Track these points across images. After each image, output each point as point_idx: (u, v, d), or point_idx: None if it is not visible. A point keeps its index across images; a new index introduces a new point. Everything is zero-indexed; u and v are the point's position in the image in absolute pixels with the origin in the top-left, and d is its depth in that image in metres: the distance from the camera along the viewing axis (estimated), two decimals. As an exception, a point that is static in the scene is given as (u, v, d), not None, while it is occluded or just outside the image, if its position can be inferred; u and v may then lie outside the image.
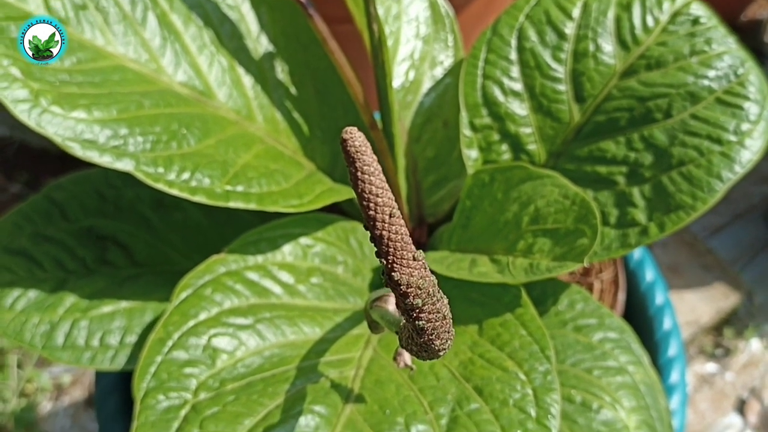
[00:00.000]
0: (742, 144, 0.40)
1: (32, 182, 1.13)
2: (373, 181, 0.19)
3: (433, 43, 0.50)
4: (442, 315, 0.22)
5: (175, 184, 0.35)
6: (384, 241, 0.20)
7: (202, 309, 0.37)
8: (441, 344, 0.22)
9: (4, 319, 0.40)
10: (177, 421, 0.33)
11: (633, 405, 0.41)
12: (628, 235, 0.41)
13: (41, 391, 0.93)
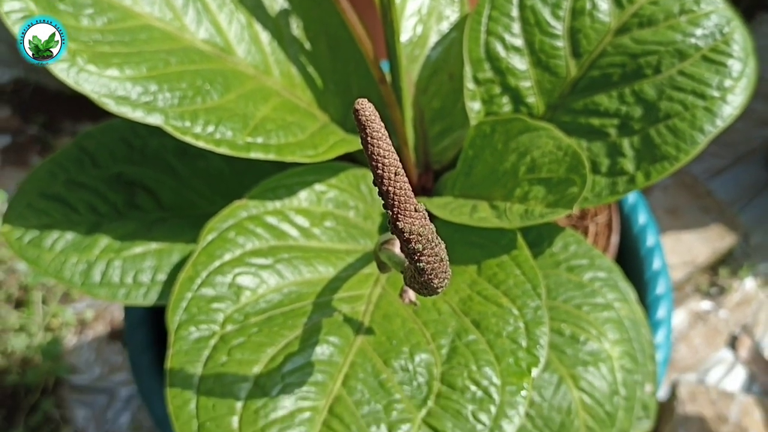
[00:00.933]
0: (724, 99, 0.43)
1: (49, 124, 1.17)
2: (381, 145, 0.23)
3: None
4: (439, 258, 0.25)
5: (201, 136, 0.39)
6: (390, 196, 0.24)
7: (227, 250, 0.41)
8: (439, 282, 0.26)
9: (45, 259, 0.44)
10: (207, 350, 0.37)
11: (617, 338, 0.46)
12: (617, 183, 0.45)
13: (65, 325, 0.98)
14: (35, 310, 0.98)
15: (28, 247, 0.44)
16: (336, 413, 0.35)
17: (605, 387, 0.43)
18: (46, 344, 0.97)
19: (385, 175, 0.23)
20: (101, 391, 0.95)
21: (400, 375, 0.37)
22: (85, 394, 0.95)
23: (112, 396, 0.95)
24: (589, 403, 0.43)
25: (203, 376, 0.36)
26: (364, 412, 0.35)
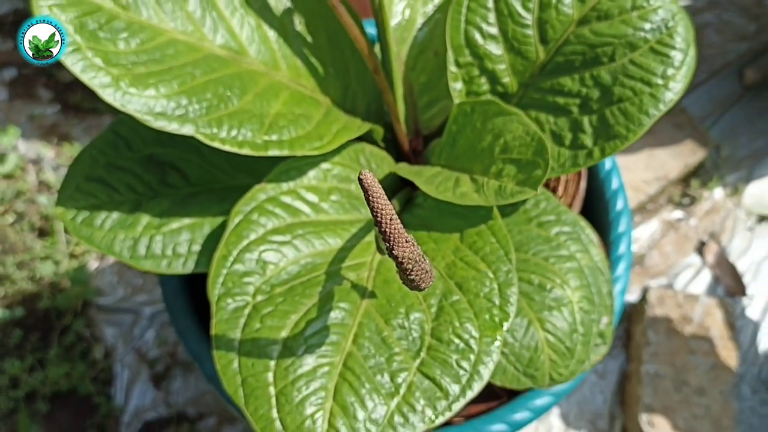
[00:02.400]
0: (667, 87, 0.52)
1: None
2: (380, 201, 0.32)
3: (423, -16, 0.60)
4: (425, 270, 0.35)
5: (226, 140, 0.48)
6: (387, 234, 0.33)
7: (252, 231, 0.50)
8: (425, 286, 0.35)
9: (97, 237, 0.53)
10: (243, 318, 0.47)
11: (577, 284, 0.56)
12: (578, 156, 0.54)
13: (88, 252, 1.09)
14: (59, 239, 1.08)
15: (81, 226, 0.54)
16: (349, 366, 0.45)
17: (566, 327, 0.54)
18: (73, 270, 1.07)
19: (383, 221, 0.32)
20: (126, 311, 1.07)
21: (398, 332, 0.47)
22: (112, 314, 1.06)
23: (137, 315, 1.06)
24: (552, 341, 0.54)
25: (242, 341, 0.46)
26: (371, 365, 0.46)
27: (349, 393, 0.44)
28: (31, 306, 1.05)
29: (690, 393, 0.97)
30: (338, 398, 0.44)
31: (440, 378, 0.46)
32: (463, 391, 0.45)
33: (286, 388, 0.44)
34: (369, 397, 0.44)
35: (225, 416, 1.00)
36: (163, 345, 1.04)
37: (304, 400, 0.44)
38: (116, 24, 0.47)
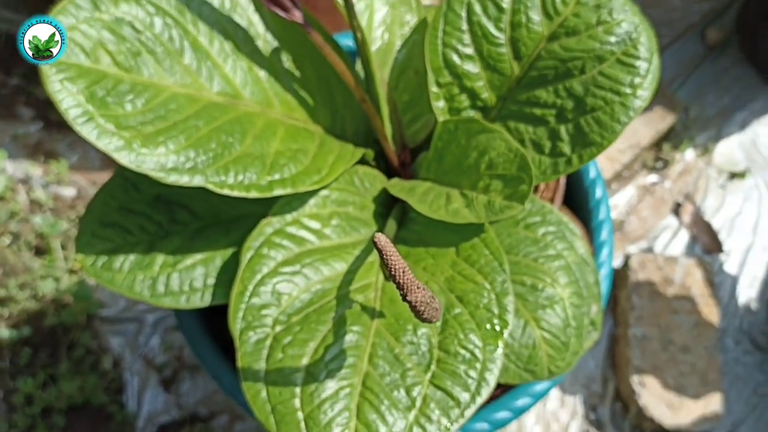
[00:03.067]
0: (635, 95, 0.56)
1: (29, 74, 1.25)
2: (394, 259, 0.36)
3: (399, 7, 0.64)
4: (434, 308, 0.39)
5: (234, 186, 0.52)
6: (402, 284, 0.37)
7: (263, 264, 0.54)
8: (435, 320, 0.40)
9: (118, 280, 0.57)
10: (265, 350, 0.51)
11: (567, 281, 0.61)
12: (558, 164, 0.59)
13: (85, 265, 1.12)
14: (56, 256, 1.12)
15: (101, 271, 0.58)
16: (367, 386, 0.50)
17: (560, 323, 0.59)
18: (74, 285, 1.11)
19: (397, 275, 0.37)
20: (130, 320, 1.11)
21: (408, 348, 0.52)
22: (116, 325, 1.11)
23: (140, 323, 1.11)
24: (548, 337, 0.59)
25: (267, 371, 0.51)
26: (387, 382, 0.50)
27: (370, 411, 0.49)
28: (37, 324, 1.09)
29: (676, 351, 1.03)
30: (361, 417, 0.49)
31: (451, 388, 0.51)
32: (473, 398, 0.50)
33: (312, 412, 0.49)
34: (389, 413, 0.49)
35: (236, 414, 1.05)
36: (169, 350, 1.09)
37: (331, 422, 0.49)
38: (121, 87, 0.50)
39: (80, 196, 1.18)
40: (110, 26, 0.51)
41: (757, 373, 1.08)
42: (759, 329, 1.11)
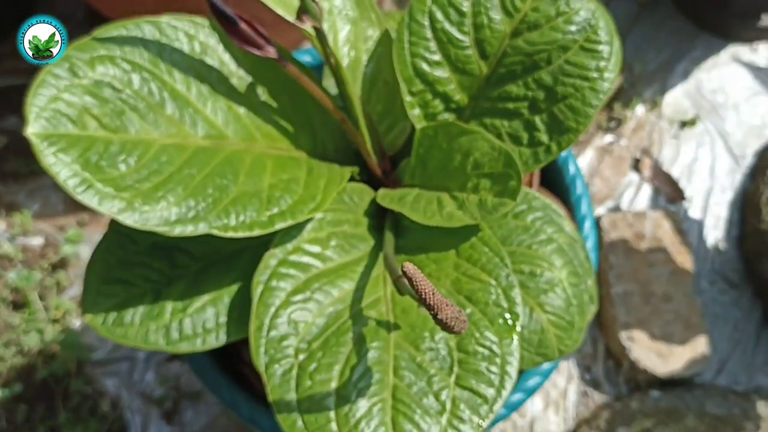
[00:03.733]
0: (602, 78, 0.59)
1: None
2: (423, 284, 0.39)
3: (361, 23, 0.65)
4: (462, 321, 0.42)
5: (237, 228, 0.53)
6: (432, 305, 0.40)
7: (275, 297, 0.56)
8: (463, 331, 0.42)
9: (131, 333, 0.58)
10: (293, 380, 0.53)
11: (562, 263, 0.64)
12: (538, 153, 0.61)
13: (67, 313, 1.12)
14: (36, 308, 1.11)
15: (113, 327, 0.59)
16: (398, 398, 0.52)
17: (562, 304, 0.62)
18: (59, 334, 1.11)
19: (428, 297, 0.39)
20: (121, 359, 1.11)
21: (429, 354, 0.54)
22: (109, 366, 1.11)
23: (132, 360, 1.11)
24: (554, 319, 0.62)
25: (299, 400, 0.52)
26: (415, 391, 0.53)
27: (404, 421, 0.52)
28: (28, 379, 1.09)
29: (658, 302, 1.07)
30: (398, 428, 0.51)
31: (476, 386, 0.53)
32: (499, 393, 0.53)
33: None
34: (423, 421, 0.52)
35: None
36: (166, 382, 1.10)
37: (370, 438, 0.51)
38: (112, 149, 0.51)
39: (48, 243, 1.18)
40: (91, 90, 0.52)
41: (735, 310, 1.14)
42: (730, 267, 1.16)
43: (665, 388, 1.07)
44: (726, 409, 1.05)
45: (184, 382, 1.11)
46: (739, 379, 1.11)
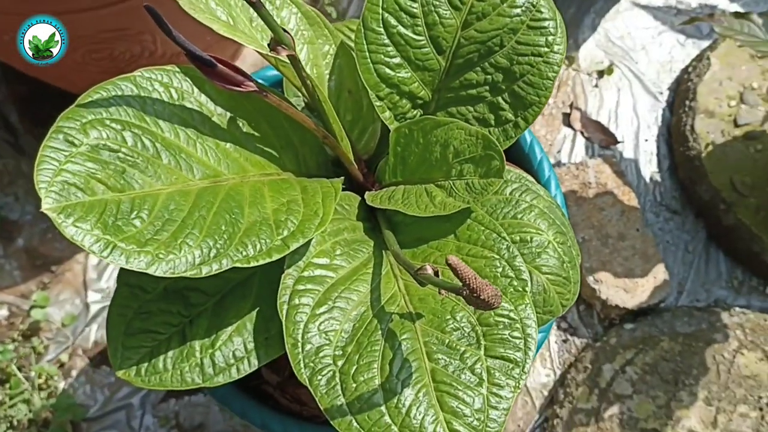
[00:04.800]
0: (553, 51, 0.64)
1: None
2: (465, 271, 0.43)
3: (316, 41, 0.69)
4: (498, 296, 0.46)
5: (258, 256, 0.56)
6: (475, 288, 0.44)
7: (301, 313, 0.59)
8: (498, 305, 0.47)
9: (167, 379, 0.61)
10: (338, 385, 0.56)
11: (547, 225, 0.69)
12: (507, 130, 0.66)
13: (50, 378, 1.12)
14: (18, 379, 1.10)
15: (147, 377, 0.61)
16: (438, 380, 0.56)
17: (557, 262, 0.67)
18: (48, 400, 1.10)
19: (471, 282, 0.43)
20: (117, 410, 1.12)
21: (455, 334, 0.58)
22: (105, 419, 1.12)
23: (127, 408, 1.12)
24: (552, 278, 0.67)
25: (348, 403, 0.56)
26: (452, 370, 0.57)
27: (450, 399, 0.56)
28: (28, 451, 1.09)
29: (615, 243, 1.15)
30: (445, 408, 0.56)
31: (505, 353, 0.58)
32: (526, 354, 0.58)
33: (404, 421, 0.55)
34: (466, 395, 0.56)
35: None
36: (166, 422, 1.11)
37: (423, 422, 0.55)
38: (123, 207, 0.53)
39: (13, 313, 1.17)
40: (90, 156, 0.54)
41: (682, 234, 1.22)
42: (670, 196, 1.24)
43: (637, 319, 1.15)
44: (694, 326, 1.13)
45: (183, 417, 1.12)
46: (699, 297, 1.19)
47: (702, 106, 1.22)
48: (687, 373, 1.10)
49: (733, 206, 1.16)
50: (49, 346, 1.15)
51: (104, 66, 0.99)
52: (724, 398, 1.08)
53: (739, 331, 1.12)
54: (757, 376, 1.09)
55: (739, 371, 1.10)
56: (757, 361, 1.10)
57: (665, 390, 1.09)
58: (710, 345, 1.11)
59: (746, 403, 1.08)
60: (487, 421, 0.56)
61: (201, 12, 0.59)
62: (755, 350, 1.11)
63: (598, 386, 1.11)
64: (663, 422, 1.08)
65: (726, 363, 1.10)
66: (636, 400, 1.09)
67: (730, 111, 1.22)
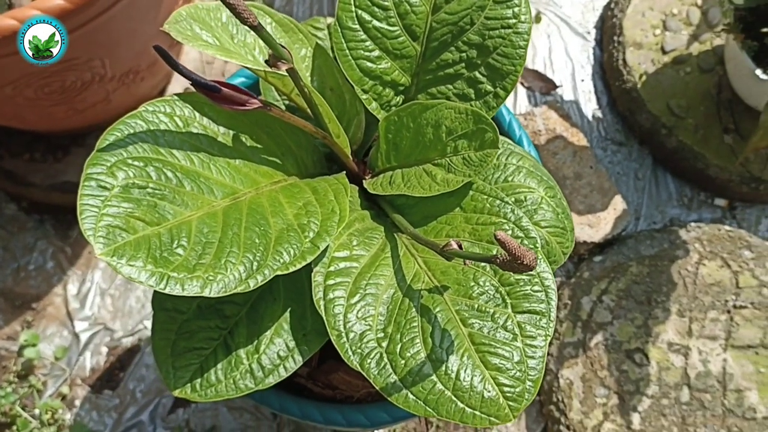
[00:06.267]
0: (520, 20, 0.69)
1: None
2: (513, 243, 0.48)
3: (293, 46, 0.72)
4: (536, 258, 0.52)
5: (294, 262, 0.60)
6: (519, 255, 0.49)
7: (336, 305, 0.63)
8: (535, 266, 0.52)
9: (222, 390, 0.65)
10: (387, 364, 0.61)
11: (536, 182, 0.74)
12: (488, 101, 0.71)
13: (54, 412, 1.14)
14: (24, 419, 1.12)
15: (203, 391, 0.64)
16: (477, 343, 0.62)
17: (552, 215, 0.73)
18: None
19: (516, 251, 0.49)
20: (127, 430, 1.14)
21: (482, 298, 0.64)
22: (118, 441, 1.14)
23: (138, 426, 1.15)
24: (551, 230, 0.73)
25: (401, 379, 0.61)
26: (486, 332, 0.62)
27: (492, 358, 0.61)
28: (49, 487, 1.10)
29: (572, 183, 1.22)
30: (488, 366, 0.61)
31: (531, 306, 0.63)
32: (549, 304, 0.64)
33: (456, 384, 0.60)
34: (504, 351, 0.62)
35: (274, 443, 1.14)
36: (179, 431, 1.14)
37: (472, 382, 0.60)
38: (164, 239, 0.57)
39: (3, 356, 1.18)
40: (124, 196, 0.57)
41: (630, 163, 1.30)
42: (613, 129, 1.32)
43: (604, 251, 1.23)
44: (657, 247, 1.22)
45: (194, 423, 1.16)
46: (655, 219, 1.28)
47: (629, 39, 1.30)
48: (658, 291, 1.19)
49: (674, 129, 1.25)
50: (47, 381, 1.16)
51: (56, 98, 1.00)
52: (695, 308, 1.18)
53: (697, 244, 1.21)
54: (720, 282, 1.19)
55: (704, 281, 1.19)
56: (717, 268, 1.20)
57: (641, 311, 1.18)
58: (674, 262, 1.20)
59: (714, 308, 1.18)
60: (528, 370, 0.62)
61: (192, 39, 0.62)
62: (714, 259, 1.20)
63: (580, 319, 1.18)
64: (644, 340, 1.16)
65: (691, 275, 1.19)
66: (616, 325, 1.17)
67: (656, 40, 1.30)
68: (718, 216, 1.27)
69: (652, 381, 1.13)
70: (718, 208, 1.28)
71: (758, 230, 1.27)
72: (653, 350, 1.15)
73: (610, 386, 1.13)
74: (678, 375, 1.13)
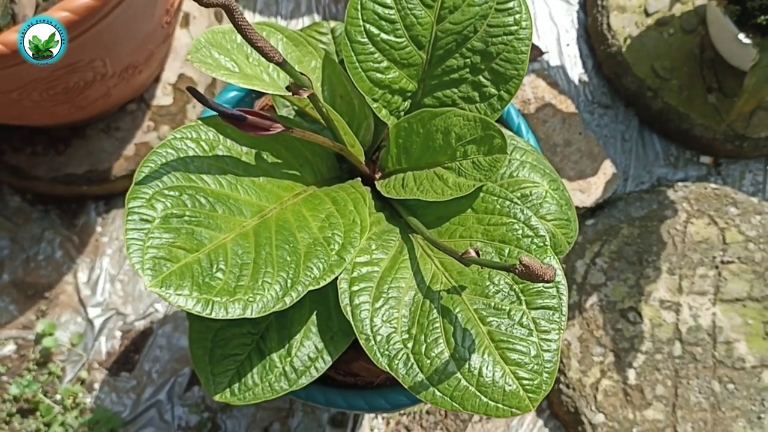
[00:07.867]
0: (521, 27, 0.73)
1: None
2: (537, 265, 0.53)
3: (304, 59, 0.75)
4: (555, 271, 0.57)
5: (324, 276, 0.65)
6: (541, 275, 0.54)
7: (362, 310, 0.68)
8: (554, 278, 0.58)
9: (259, 392, 0.70)
10: (415, 365, 0.67)
11: (540, 177, 0.79)
12: (493, 104, 0.75)
13: (75, 396, 1.19)
14: (47, 405, 1.17)
15: (242, 394, 0.70)
16: (496, 339, 0.67)
17: (557, 208, 0.78)
18: (80, 418, 1.18)
19: (539, 271, 0.54)
20: (147, 409, 1.20)
21: (498, 296, 0.69)
22: (139, 420, 1.20)
23: (157, 406, 1.20)
24: (556, 223, 0.78)
25: (428, 377, 0.66)
26: (504, 328, 0.68)
27: (510, 353, 0.67)
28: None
29: (562, 150, 1.27)
30: (508, 361, 0.67)
31: (544, 302, 0.69)
32: (560, 299, 0.69)
33: (479, 380, 0.66)
34: (522, 347, 0.67)
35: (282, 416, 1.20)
36: (196, 408, 1.20)
37: (494, 377, 0.66)
38: (204, 265, 0.61)
39: (21, 346, 1.22)
40: (164, 227, 0.61)
41: (617, 125, 1.35)
42: (599, 93, 1.36)
43: (596, 215, 1.28)
44: (646, 208, 1.28)
45: (210, 401, 1.21)
46: (643, 179, 1.34)
47: (613, 3, 1.33)
48: (648, 251, 1.25)
49: (659, 91, 1.29)
50: (65, 367, 1.21)
51: (60, 99, 1.03)
52: (684, 265, 1.24)
53: (685, 203, 1.27)
54: (708, 239, 1.25)
55: (692, 238, 1.25)
56: (705, 226, 1.26)
57: (633, 271, 1.24)
58: (663, 222, 1.26)
59: (703, 265, 1.24)
60: (544, 363, 0.67)
61: (215, 69, 0.65)
62: (702, 217, 1.27)
63: (575, 282, 1.25)
64: (637, 299, 1.23)
65: (680, 234, 1.26)
66: (610, 286, 1.24)
67: (639, 2, 1.34)
68: (703, 173, 1.33)
69: (646, 338, 1.20)
70: (703, 165, 1.33)
71: (743, 185, 1.33)
72: (646, 308, 1.22)
73: (606, 345, 1.20)
74: (670, 331, 1.20)
